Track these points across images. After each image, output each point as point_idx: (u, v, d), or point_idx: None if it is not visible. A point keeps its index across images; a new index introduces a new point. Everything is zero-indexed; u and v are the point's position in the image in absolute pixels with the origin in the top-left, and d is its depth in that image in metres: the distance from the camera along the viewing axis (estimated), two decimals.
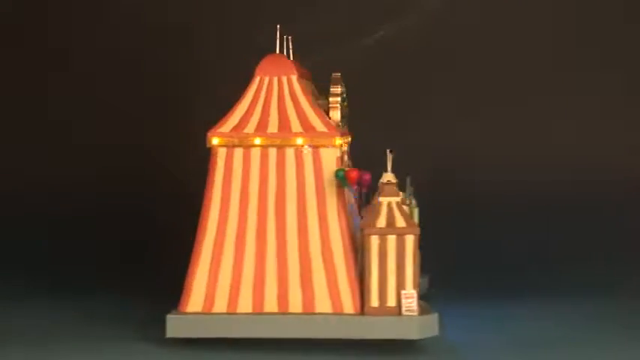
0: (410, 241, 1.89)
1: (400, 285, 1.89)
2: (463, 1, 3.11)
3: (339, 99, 2.05)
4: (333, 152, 1.94)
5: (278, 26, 2.02)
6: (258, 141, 1.94)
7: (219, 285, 1.91)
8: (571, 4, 3.03)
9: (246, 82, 2.00)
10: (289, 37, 2.06)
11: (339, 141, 1.94)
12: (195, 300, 1.91)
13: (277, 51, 2.02)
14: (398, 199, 1.91)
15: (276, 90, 1.99)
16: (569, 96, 2.98)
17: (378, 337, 1.88)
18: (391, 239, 1.89)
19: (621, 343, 1.93)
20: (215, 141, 1.95)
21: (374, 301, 1.89)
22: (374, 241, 1.89)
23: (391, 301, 1.89)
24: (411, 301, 1.88)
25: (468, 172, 2.60)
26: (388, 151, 1.90)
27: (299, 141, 1.94)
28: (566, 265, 2.58)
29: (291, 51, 2.04)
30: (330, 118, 2.02)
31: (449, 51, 3.00)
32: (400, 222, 1.89)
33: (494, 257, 2.56)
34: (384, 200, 1.91)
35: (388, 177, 1.91)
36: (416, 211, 1.92)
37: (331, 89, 2.06)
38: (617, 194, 2.85)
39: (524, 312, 2.19)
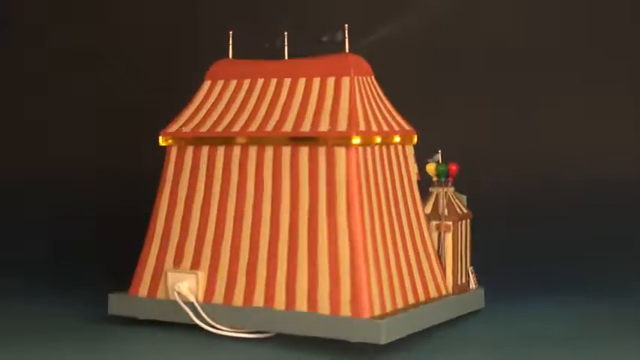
0: (469, 223, 2.18)
1: (467, 263, 2.17)
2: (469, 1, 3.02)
3: None
4: (412, 149, 2.09)
5: (346, 25, 2.03)
6: (379, 139, 1.97)
7: (384, 284, 1.91)
8: (579, 4, 3.05)
9: None
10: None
11: (416, 138, 2.09)
12: (375, 303, 1.87)
13: (347, 50, 2.03)
14: (452, 188, 2.17)
15: (366, 89, 2.02)
16: (577, 95, 3.02)
17: (468, 311, 2.13)
18: (463, 224, 2.15)
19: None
20: (357, 140, 1.91)
21: (459, 280, 2.14)
22: (459, 226, 2.13)
23: (464, 278, 2.16)
24: (474, 275, 2.19)
25: (472, 171, 2.58)
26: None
27: (397, 139, 2.03)
28: (576, 264, 2.63)
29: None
30: None
31: (454, 51, 2.94)
32: (462, 208, 2.17)
33: (496, 256, 2.60)
34: (448, 191, 2.15)
35: None
36: (464, 197, 2.16)
37: None
38: (629, 194, 2.88)
39: (534, 310, 2.22)
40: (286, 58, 2.10)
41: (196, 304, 1.98)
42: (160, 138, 2.10)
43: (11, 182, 3.15)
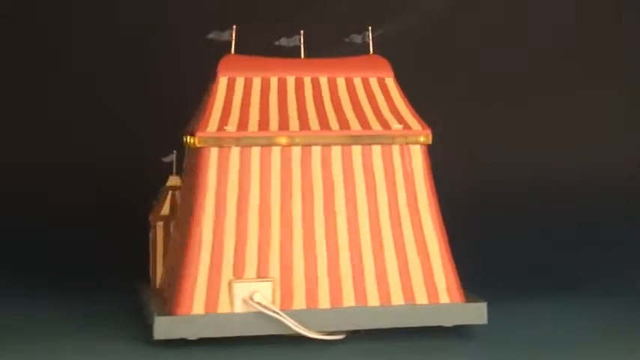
0: None
1: None
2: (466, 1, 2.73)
3: None
4: None
5: (370, 27, 2.11)
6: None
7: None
8: (574, 4, 2.84)
9: None
10: None
11: None
12: (460, 288, 2.01)
13: (371, 51, 2.11)
14: None
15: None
16: (571, 95, 2.81)
17: None
18: None
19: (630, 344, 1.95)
20: (430, 138, 2.03)
21: None
22: None
23: None
24: None
25: (472, 170, 2.28)
26: None
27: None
28: (570, 265, 2.57)
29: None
30: None
31: (452, 50, 2.72)
32: None
33: (496, 255, 2.51)
34: None
35: None
36: None
37: None
38: (622, 194, 2.77)
39: (528, 312, 2.20)
40: (302, 56, 2.09)
41: (281, 312, 1.89)
42: (196, 139, 1.93)
43: (12, 182, 3.07)
